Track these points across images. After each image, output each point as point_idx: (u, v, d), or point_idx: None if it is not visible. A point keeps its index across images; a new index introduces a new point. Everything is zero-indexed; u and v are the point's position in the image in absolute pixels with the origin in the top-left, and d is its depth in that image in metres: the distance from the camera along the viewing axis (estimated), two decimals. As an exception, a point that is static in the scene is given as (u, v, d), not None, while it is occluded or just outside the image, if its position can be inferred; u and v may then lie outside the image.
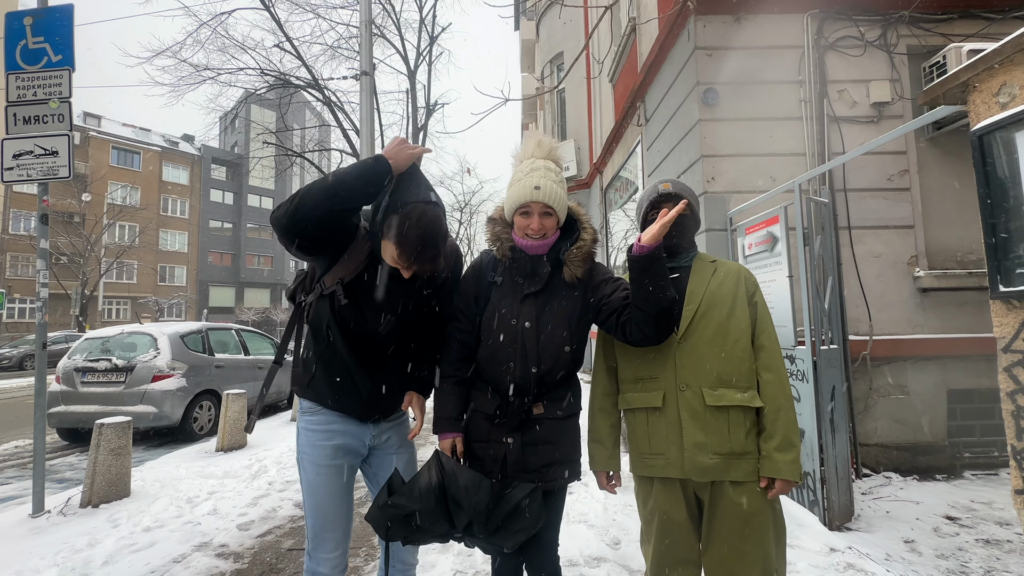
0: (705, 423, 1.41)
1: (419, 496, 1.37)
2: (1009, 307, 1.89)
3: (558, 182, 1.50)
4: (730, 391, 1.42)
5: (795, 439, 1.40)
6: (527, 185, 1.47)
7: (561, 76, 10.80)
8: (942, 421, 4.08)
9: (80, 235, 27.56)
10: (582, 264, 1.52)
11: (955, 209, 4.26)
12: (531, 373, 1.47)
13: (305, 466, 1.49)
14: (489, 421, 1.51)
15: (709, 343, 1.44)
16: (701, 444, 1.40)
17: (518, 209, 1.50)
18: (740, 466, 1.41)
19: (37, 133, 3.57)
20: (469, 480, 1.38)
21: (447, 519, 1.38)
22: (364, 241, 1.47)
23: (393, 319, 1.50)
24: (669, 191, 1.57)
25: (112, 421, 3.74)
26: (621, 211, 8.18)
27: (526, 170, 1.51)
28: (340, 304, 1.43)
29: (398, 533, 1.41)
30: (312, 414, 1.51)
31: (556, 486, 1.51)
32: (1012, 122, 1.82)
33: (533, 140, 1.58)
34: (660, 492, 1.49)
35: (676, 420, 1.44)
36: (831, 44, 4.35)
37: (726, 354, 1.43)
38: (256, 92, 11.69)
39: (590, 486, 3.63)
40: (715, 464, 1.40)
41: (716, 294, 1.48)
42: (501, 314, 1.52)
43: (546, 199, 1.46)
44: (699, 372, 1.43)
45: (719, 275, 1.52)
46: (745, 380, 1.43)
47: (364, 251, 1.46)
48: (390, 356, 1.55)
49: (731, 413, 1.41)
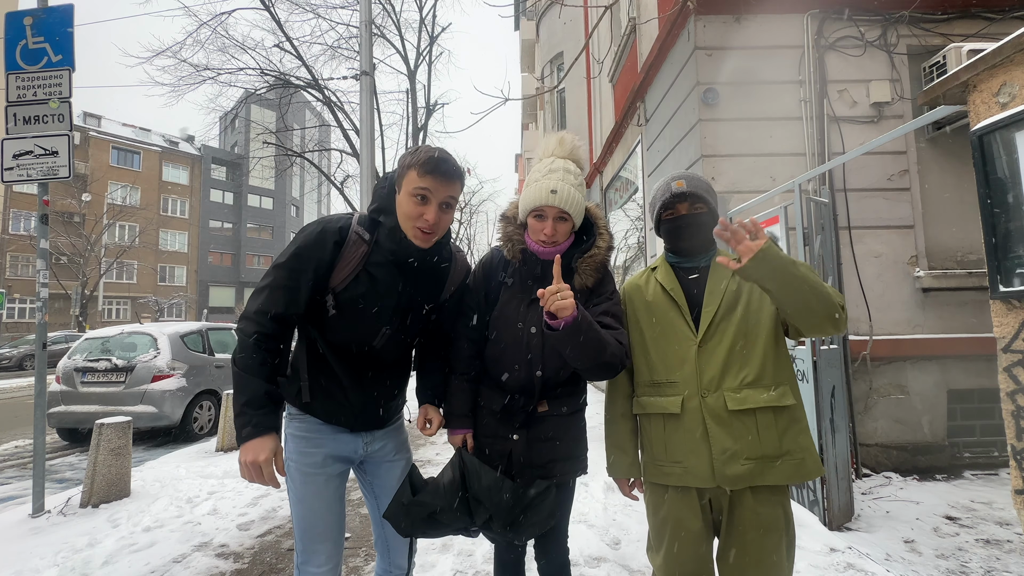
0: (732, 429, 1.33)
1: (442, 494, 1.40)
2: (1009, 307, 1.89)
3: (576, 185, 1.45)
4: (755, 392, 1.34)
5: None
6: (543, 188, 1.42)
7: (561, 76, 10.80)
8: (942, 421, 4.08)
9: (80, 235, 27.57)
10: (594, 273, 1.47)
11: (955, 209, 4.26)
12: (535, 376, 1.46)
13: (292, 474, 1.40)
14: (495, 418, 1.52)
15: (730, 346, 1.37)
16: (732, 452, 1.33)
17: (532, 211, 1.47)
18: (778, 469, 1.32)
19: (37, 133, 3.57)
20: (492, 481, 1.40)
21: (468, 515, 1.40)
22: (358, 245, 1.38)
23: (390, 332, 1.43)
24: (683, 190, 1.46)
25: (112, 421, 3.74)
26: (621, 211, 8.18)
27: (544, 170, 1.46)
28: (329, 315, 1.37)
29: (419, 528, 1.42)
30: (300, 420, 1.42)
31: (564, 480, 1.52)
32: (1012, 122, 1.82)
33: (555, 138, 1.52)
34: (675, 500, 1.42)
35: (699, 428, 1.36)
36: (831, 44, 4.35)
37: (748, 355, 1.36)
38: (256, 92, 11.69)
39: (590, 486, 3.63)
40: (747, 470, 1.32)
41: (734, 294, 1.42)
42: (508, 316, 1.50)
43: (562, 204, 1.41)
44: (722, 376, 1.36)
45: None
46: (773, 378, 1.36)
47: (358, 255, 1.38)
48: (385, 370, 1.48)
49: (759, 415, 1.33)
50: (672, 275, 1.50)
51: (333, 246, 1.36)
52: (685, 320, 1.43)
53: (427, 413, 1.60)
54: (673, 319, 1.45)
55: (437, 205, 1.35)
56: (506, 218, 1.58)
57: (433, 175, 1.32)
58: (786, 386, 1.36)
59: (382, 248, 1.39)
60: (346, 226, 1.39)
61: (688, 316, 1.43)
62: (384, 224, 1.39)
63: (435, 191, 1.34)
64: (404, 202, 1.35)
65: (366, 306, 1.38)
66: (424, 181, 1.32)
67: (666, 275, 1.50)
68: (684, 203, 1.47)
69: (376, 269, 1.39)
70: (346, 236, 1.38)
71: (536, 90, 14.00)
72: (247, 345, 1.30)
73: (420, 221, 1.34)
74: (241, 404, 1.27)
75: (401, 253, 1.39)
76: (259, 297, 1.33)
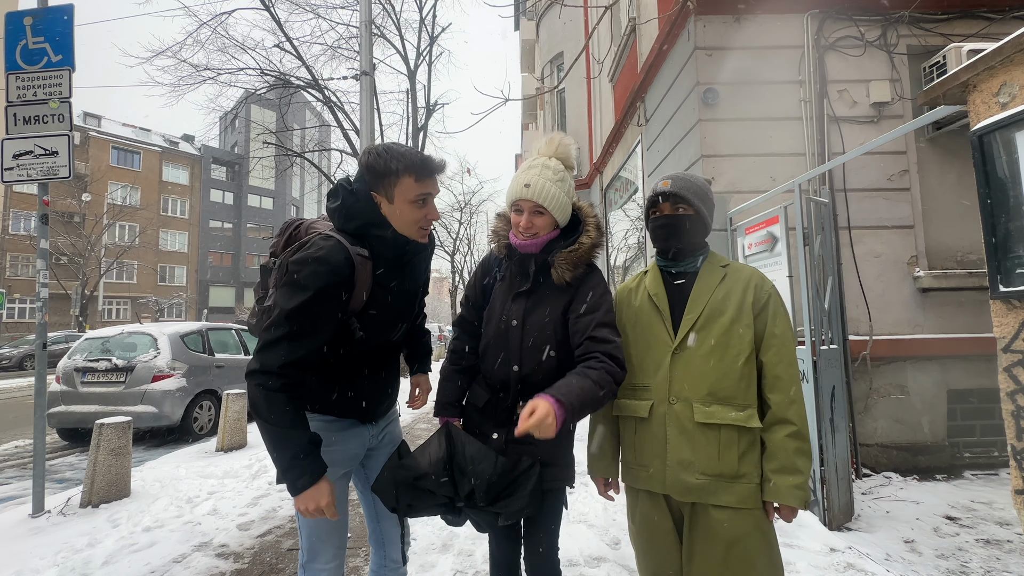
0: (693, 440, 1.33)
1: (428, 460, 1.41)
2: (1009, 307, 1.89)
3: (556, 180, 1.46)
4: (724, 409, 1.32)
5: (800, 464, 1.27)
6: (519, 182, 1.46)
7: (561, 76, 10.80)
8: (942, 421, 4.08)
9: (80, 235, 27.57)
10: (571, 268, 1.46)
11: (955, 209, 4.26)
12: (513, 372, 1.47)
13: None
14: (479, 413, 1.55)
15: (706, 356, 1.35)
16: (687, 462, 1.32)
17: (512, 206, 1.51)
18: (731, 490, 1.30)
19: (37, 133, 3.57)
20: (475, 450, 1.41)
21: (452, 486, 1.41)
22: (364, 265, 1.33)
23: (405, 325, 1.50)
24: (667, 189, 1.44)
25: (112, 421, 3.74)
26: (621, 211, 8.18)
27: (525, 167, 1.50)
28: (356, 336, 1.37)
29: (405, 498, 1.42)
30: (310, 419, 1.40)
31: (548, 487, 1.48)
32: (1012, 122, 1.82)
33: (546, 138, 1.56)
34: (646, 504, 1.44)
35: (662, 434, 1.37)
36: (831, 44, 4.35)
37: (724, 369, 1.33)
38: (256, 92, 11.68)
39: (590, 486, 3.63)
40: (700, 485, 1.31)
41: (720, 304, 1.38)
42: (496, 310, 1.55)
43: (535, 197, 1.43)
44: (693, 386, 1.35)
45: (727, 283, 1.41)
46: (743, 398, 1.33)
47: (367, 275, 1.35)
48: (391, 355, 1.54)
49: (723, 432, 1.31)
50: (659, 280, 1.50)
51: (348, 279, 1.29)
52: (665, 326, 1.42)
53: (417, 382, 1.69)
54: (654, 324, 1.45)
55: (433, 200, 1.40)
56: (499, 216, 1.63)
57: (430, 177, 1.35)
58: (754, 409, 1.34)
59: (384, 259, 1.39)
60: (347, 255, 1.30)
61: (668, 322, 1.42)
62: (383, 237, 1.35)
63: (432, 189, 1.38)
64: (405, 211, 1.35)
65: (386, 315, 1.42)
66: (423, 186, 1.34)
67: (653, 280, 1.51)
68: (667, 203, 1.45)
69: (384, 279, 1.40)
70: (353, 262, 1.31)
71: (536, 90, 13.98)
72: (277, 401, 1.21)
73: (424, 221, 1.38)
74: (289, 459, 1.22)
75: (402, 255, 1.42)
76: (279, 349, 1.21)
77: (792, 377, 1.33)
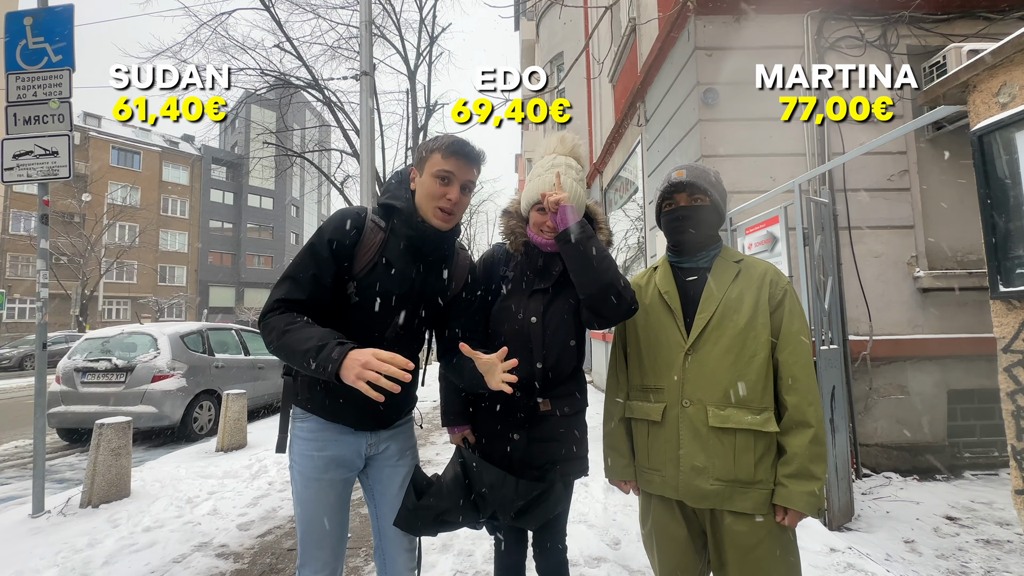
0: (707, 445, 1.28)
1: (446, 495, 1.41)
2: (1009, 307, 1.89)
3: (578, 180, 1.48)
4: (739, 412, 1.26)
5: (817, 470, 1.22)
6: (546, 182, 1.45)
7: (561, 76, 10.80)
8: (942, 421, 4.08)
9: (80, 235, 27.54)
10: None
11: (955, 209, 4.26)
12: (536, 368, 1.47)
13: (295, 476, 1.41)
14: (496, 416, 1.52)
15: (721, 357, 1.29)
16: (700, 468, 1.28)
17: (535, 205, 1.49)
18: (747, 496, 1.26)
19: (37, 133, 3.57)
20: (494, 477, 1.40)
21: (474, 510, 1.42)
22: (375, 232, 1.41)
23: (401, 323, 1.43)
24: (683, 179, 1.39)
25: (112, 421, 3.74)
26: (621, 211, 8.18)
27: (547, 166, 1.49)
28: (352, 302, 1.37)
29: (428, 530, 1.44)
30: (303, 420, 1.42)
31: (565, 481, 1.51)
32: (1012, 122, 1.82)
33: (556, 136, 1.55)
34: (659, 508, 1.40)
35: (675, 438, 1.32)
36: (831, 44, 4.34)
37: (739, 370, 1.27)
38: (256, 92, 11.67)
39: (590, 486, 3.63)
40: (715, 491, 1.26)
41: (735, 301, 1.32)
42: (509, 309, 1.52)
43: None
44: (707, 388, 1.29)
45: (741, 279, 1.35)
46: (760, 401, 1.27)
47: (376, 243, 1.40)
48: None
49: (739, 437, 1.26)
50: (670, 276, 1.45)
51: (353, 230, 1.38)
52: (677, 325, 1.37)
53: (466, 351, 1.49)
54: (666, 323, 1.40)
55: (459, 186, 1.40)
56: (508, 213, 1.61)
57: (456, 157, 1.38)
58: (771, 412, 1.28)
59: (398, 235, 1.42)
60: (363, 213, 1.44)
61: (681, 321, 1.37)
62: (402, 211, 1.42)
63: (457, 173, 1.39)
64: (427, 183, 1.40)
65: (382, 293, 1.40)
66: (448, 163, 1.38)
67: (664, 276, 1.46)
68: (683, 193, 1.41)
69: (392, 256, 1.41)
70: (364, 222, 1.42)
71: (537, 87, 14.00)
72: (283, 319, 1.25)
73: (443, 201, 1.38)
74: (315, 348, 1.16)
75: (417, 238, 1.41)
76: (281, 287, 1.33)
77: (809, 377, 1.28)
